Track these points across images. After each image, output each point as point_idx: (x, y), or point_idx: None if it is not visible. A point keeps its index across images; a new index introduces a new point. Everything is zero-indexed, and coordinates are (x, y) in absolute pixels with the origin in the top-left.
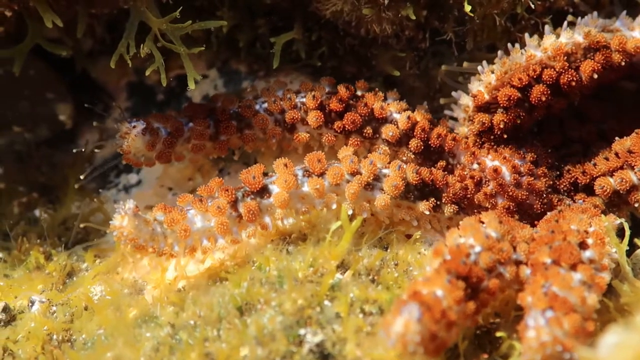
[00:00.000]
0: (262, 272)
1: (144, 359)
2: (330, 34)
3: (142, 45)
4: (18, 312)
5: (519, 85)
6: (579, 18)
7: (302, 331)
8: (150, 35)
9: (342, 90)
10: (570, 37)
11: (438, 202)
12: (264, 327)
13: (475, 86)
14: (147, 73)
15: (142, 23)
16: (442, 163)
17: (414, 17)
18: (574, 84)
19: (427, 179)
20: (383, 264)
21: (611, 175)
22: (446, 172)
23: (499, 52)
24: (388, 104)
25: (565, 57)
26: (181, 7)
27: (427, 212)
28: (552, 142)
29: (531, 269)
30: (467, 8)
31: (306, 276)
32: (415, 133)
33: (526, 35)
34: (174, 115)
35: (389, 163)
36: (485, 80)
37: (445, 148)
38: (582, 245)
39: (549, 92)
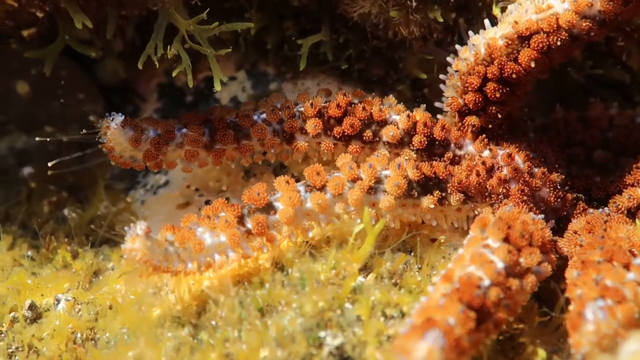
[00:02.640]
0: (284, 274)
1: (165, 358)
2: (357, 36)
3: (168, 46)
4: (44, 310)
5: (475, 88)
6: (510, 5)
7: (322, 333)
8: (177, 36)
9: (339, 97)
10: (505, 29)
11: (443, 194)
12: (284, 328)
13: (449, 92)
14: (174, 74)
15: (172, 25)
16: (449, 155)
17: (441, 20)
18: (514, 76)
19: (428, 173)
20: (406, 268)
21: (621, 193)
22: (448, 163)
23: (449, 58)
24: (387, 107)
25: (500, 52)
26: (208, 9)
27: (432, 206)
28: (558, 141)
29: (581, 266)
30: (496, 11)
31: (328, 278)
32: (417, 130)
33: (470, 32)
34: (167, 120)
35: (389, 164)
36: (454, 84)
37: (452, 139)
38: (631, 253)
39: (500, 87)
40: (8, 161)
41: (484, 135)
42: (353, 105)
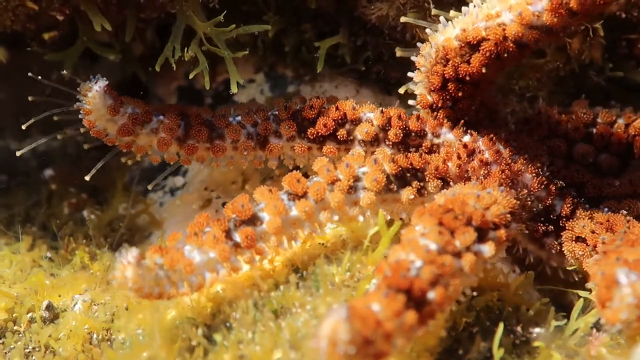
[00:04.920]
0: (298, 276)
1: (180, 359)
2: (375, 38)
3: (185, 48)
4: (61, 311)
5: (438, 88)
6: (464, 7)
7: None
8: (195, 38)
9: (313, 99)
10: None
11: (422, 184)
12: (297, 330)
13: (419, 90)
14: (191, 76)
15: (191, 28)
16: (426, 144)
17: None
18: (468, 78)
19: (405, 164)
20: None
21: (619, 201)
22: (426, 152)
23: (413, 56)
24: (360, 106)
25: (455, 53)
26: (226, 12)
27: (412, 197)
28: (538, 132)
29: (602, 256)
30: None
31: (343, 281)
32: (392, 124)
33: (428, 30)
34: (146, 104)
35: (365, 161)
36: (422, 81)
37: (429, 129)
38: None
39: (460, 86)
40: (30, 163)
41: (462, 122)
42: (327, 107)
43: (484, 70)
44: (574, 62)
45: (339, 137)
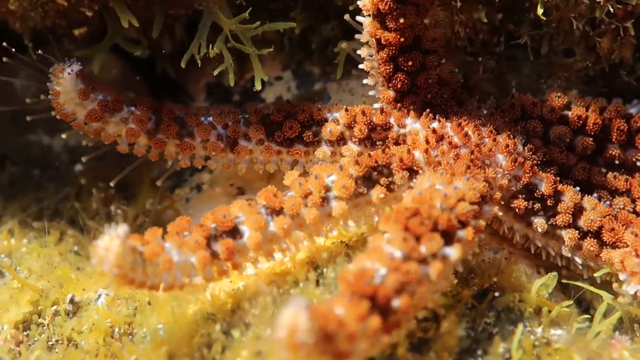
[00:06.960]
0: (318, 273)
1: (198, 354)
2: None
3: (210, 45)
4: (85, 304)
5: (391, 72)
6: None
7: None
8: (221, 35)
9: (282, 103)
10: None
11: (390, 179)
12: None
13: (379, 92)
14: (215, 72)
15: (218, 25)
16: (392, 135)
17: (485, 20)
18: (403, 40)
19: (370, 163)
20: None
21: (613, 195)
22: (393, 143)
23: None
24: (326, 106)
25: (380, 32)
26: (251, 9)
27: (383, 196)
28: (511, 114)
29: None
30: (539, 11)
31: None
32: (356, 120)
33: (357, 35)
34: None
35: (332, 169)
36: (377, 80)
37: (395, 121)
38: None
39: (406, 55)
40: (61, 158)
41: (428, 110)
42: (295, 110)
43: (402, 21)
44: (604, 62)
45: (305, 138)
